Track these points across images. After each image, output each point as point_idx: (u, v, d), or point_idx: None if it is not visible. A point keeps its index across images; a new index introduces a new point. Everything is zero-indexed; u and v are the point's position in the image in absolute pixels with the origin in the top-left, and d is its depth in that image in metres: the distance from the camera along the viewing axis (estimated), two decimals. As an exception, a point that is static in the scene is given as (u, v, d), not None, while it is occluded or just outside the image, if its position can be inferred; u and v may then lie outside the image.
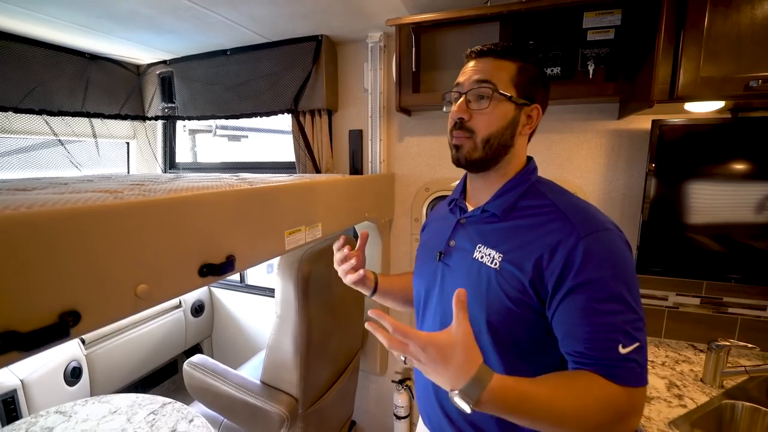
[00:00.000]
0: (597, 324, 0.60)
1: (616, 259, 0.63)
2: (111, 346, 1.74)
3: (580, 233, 0.63)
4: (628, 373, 0.59)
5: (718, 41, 1.03)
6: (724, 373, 1.15)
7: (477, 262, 0.72)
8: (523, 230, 0.69)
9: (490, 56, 0.73)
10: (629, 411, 0.60)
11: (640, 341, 0.60)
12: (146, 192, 0.72)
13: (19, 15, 1.41)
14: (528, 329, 0.68)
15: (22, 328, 0.47)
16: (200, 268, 0.71)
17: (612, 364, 0.59)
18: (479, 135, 0.72)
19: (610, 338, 0.60)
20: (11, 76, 1.58)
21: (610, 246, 0.63)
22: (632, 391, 0.59)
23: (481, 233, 0.75)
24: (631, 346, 0.59)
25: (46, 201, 0.56)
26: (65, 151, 1.82)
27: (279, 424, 1.21)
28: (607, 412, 0.58)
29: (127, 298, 0.59)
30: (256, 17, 1.47)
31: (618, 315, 0.60)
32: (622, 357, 0.59)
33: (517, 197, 0.74)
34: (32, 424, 1.12)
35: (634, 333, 0.60)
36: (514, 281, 0.67)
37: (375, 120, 1.69)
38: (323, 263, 1.31)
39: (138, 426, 1.10)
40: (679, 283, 1.41)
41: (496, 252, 0.70)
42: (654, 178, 1.28)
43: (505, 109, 0.71)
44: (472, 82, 0.72)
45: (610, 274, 0.61)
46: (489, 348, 0.70)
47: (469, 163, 0.74)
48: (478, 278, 0.71)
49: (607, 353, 0.60)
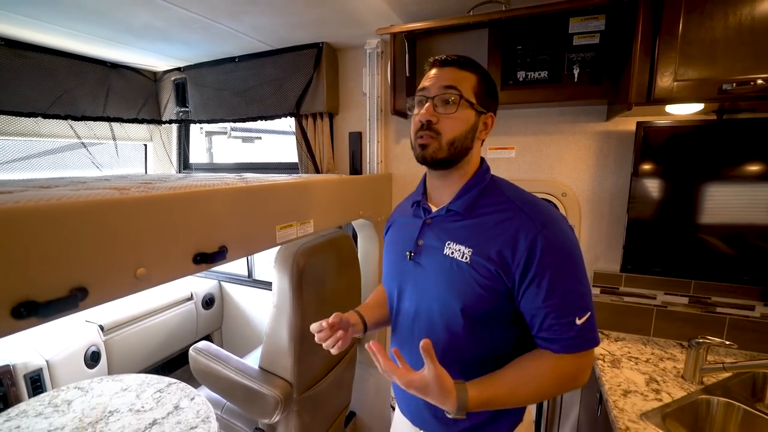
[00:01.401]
0: (556, 306, 0.71)
1: (569, 246, 0.74)
2: (127, 333, 1.87)
3: (537, 226, 0.73)
4: (582, 341, 0.72)
5: (693, 46, 1.07)
6: (704, 369, 1.18)
7: (449, 257, 0.78)
8: (487, 226, 0.77)
9: (454, 66, 0.79)
10: (578, 373, 0.74)
11: (590, 309, 0.73)
12: (150, 189, 0.82)
13: (48, 30, 1.56)
14: (496, 311, 0.77)
15: (39, 298, 0.57)
16: (194, 256, 0.81)
17: (569, 339, 0.71)
18: (445, 137, 0.77)
19: (569, 315, 0.71)
20: (41, 84, 1.74)
21: (563, 236, 0.74)
22: (582, 355, 0.73)
23: (448, 231, 0.81)
24: (584, 317, 0.72)
25: (62, 196, 0.66)
26: (88, 153, 1.97)
27: (274, 407, 1.30)
28: (560, 381, 0.74)
29: (127, 279, 0.68)
30: (259, 27, 1.57)
31: (573, 294, 0.72)
32: (578, 327, 0.71)
33: (476, 196, 0.81)
34: (54, 396, 1.25)
35: (585, 304, 0.73)
36: (484, 272, 0.74)
37: (373, 123, 1.77)
38: (318, 258, 1.40)
39: (145, 401, 1.22)
40: (666, 282, 1.43)
41: (465, 247, 0.77)
42: (639, 179, 1.31)
43: (467, 114, 0.78)
44: (440, 88, 0.78)
45: (565, 261, 0.72)
46: (462, 330, 0.78)
47: (435, 162, 0.80)
48: (450, 272, 0.78)
49: (566, 330, 0.71)
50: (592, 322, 0.73)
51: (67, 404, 1.22)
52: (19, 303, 0.55)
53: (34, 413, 1.18)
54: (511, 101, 1.41)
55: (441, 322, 0.80)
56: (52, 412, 1.19)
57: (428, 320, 0.82)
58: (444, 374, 0.70)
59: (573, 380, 0.75)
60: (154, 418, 1.15)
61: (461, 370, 0.79)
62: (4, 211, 0.54)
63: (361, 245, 1.81)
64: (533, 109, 1.55)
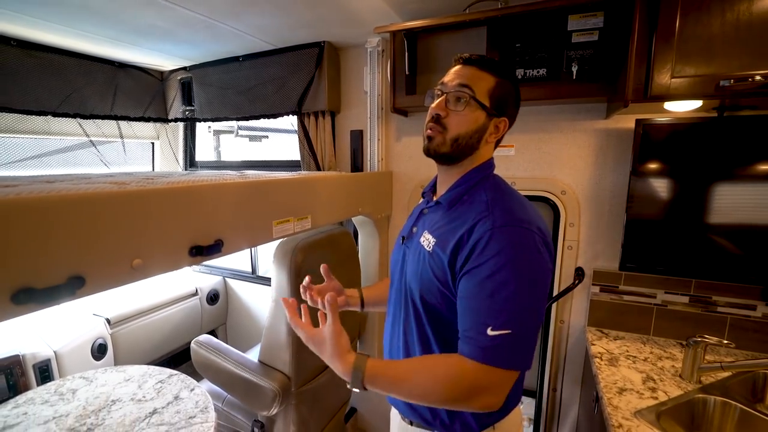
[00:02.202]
0: (475, 307, 0.69)
1: (517, 251, 0.68)
2: (133, 327, 1.91)
3: (493, 224, 0.70)
4: (492, 354, 0.66)
5: (690, 42, 1.06)
6: (702, 368, 1.17)
7: (420, 245, 0.83)
8: (455, 219, 0.79)
9: (475, 66, 0.80)
10: (483, 388, 0.67)
11: (512, 330, 0.65)
12: (150, 184, 0.85)
13: (58, 31, 1.60)
14: (449, 303, 0.77)
15: (37, 285, 0.59)
16: (190, 249, 0.83)
17: (478, 344, 0.67)
18: (450, 133, 0.79)
19: (481, 321, 0.67)
20: (51, 84, 1.79)
21: (515, 238, 0.69)
22: (492, 370, 0.66)
23: (430, 221, 0.85)
24: (499, 331, 0.65)
25: (62, 189, 0.69)
26: (96, 151, 2.02)
27: (272, 399, 1.32)
28: (458, 387, 0.67)
29: (124, 270, 0.71)
30: (261, 27, 1.60)
31: (495, 302, 0.67)
32: (489, 338, 0.66)
33: (464, 191, 0.82)
34: (60, 385, 1.30)
35: (508, 321, 0.66)
36: (439, 262, 0.77)
37: (373, 121, 1.78)
38: (317, 253, 1.42)
39: (147, 391, 1.25)
40: (666, 281, 1.42)
41: (432, 237, 0.80)
42: (638, 176, 1.30)
43: (476, 115, 0.79)
44: (455, 85, 0.79)
45: (503, 262, 0.67)
46: (422, 317, 0.81)
47: (437, 155, 0.82)
48: (418, 259, 0.82)
49: (477, 334, 0.67)
50: (510, 342, 0.66)
51: (72, 393, 1.26)
52: (19, 289, 0.57)
53: (41, 401, 1.22)
54: (509, 99, 1.41)
55: (408, 306, 0.84)
56: (58, 400, 1.23)
57: (400, 302, 0.87)
58: (341, 332, 0.73)
59: (468, 394, 0.67)
60: (155, 407, 1.19)
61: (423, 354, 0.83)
62: (6, 202, 0.56)
63: (362, 242, 1.83)
64: (532, 107, 1.55)
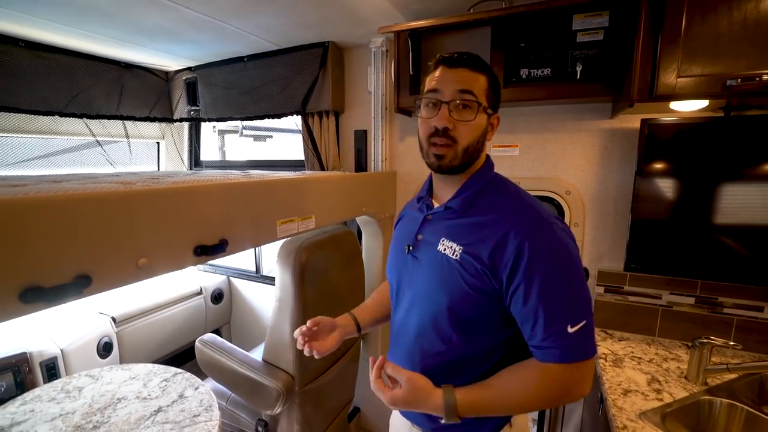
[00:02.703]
0: (545, 312, 0.68)
1: (562, 250, 0.71)
2: (138, 326, 1.93)
3: (528, 228, 0.71)
4: (575, 351, 0.68)
5: (696, 41, 1.05)
6: (708, 370, 1.16)
7: (440, 253, 0.79)
8: (480, 225, 0.76)
9: (466, 68, 0.76)
10: (575, 383, 0.70)
11: (587, 320, 0.69)
12: (155, 184, 0.85)
13: (65, 31, 1.62)
14: (482, 310, 0.76)
15: (44, 284, 0.60)
16: (195, 248, 0.84)
17: (559, 348, 0.68)
18: (461, 144, 0.76)
19: (561, 322, 0.68)
20: (58, 84, 1.81)
21: (555, 240, 0.71)
22: (576, 366, 0.69)
23: (444, 228, 0.81)
24: (578, 325, 0.68)
25: (69, 188, 0.70)
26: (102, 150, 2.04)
27: (276, 398, 1.33)
28: (549, 393, 0.71)
29: (130, 269, 0.72)
30: (266, 27, 1.60)
31: (565, 300, 0.69)
32: (570, 335, 0.67)
33: (475, 194, 0.81)
34: (67, 383, 1.31)
35: (580, 312, 0.69)
36: (472, 270, 0.74)
37: (377, 120, 1.78)
38: (320, 253, 1.42)
39: (152, 390, 1.27)
40: (672, 281, 1.41)
41: (456, 244, 0.77)
42: (644, 177, 1.29)
43: (481, 119, 0.77)
44: (456, 92, 0.75)
45: (556, 265, 0.69)
46: (449, 327, 0.78)
47: (450, 170, 0.79)
48: (440, 268, 0.78)
49: (559, 337, 0.68)
50: (588, 332, 0.69)
51: (78, 391, 1.28)
52: (26, 288, 0.58)
53: (48, 398, 1.24)
54: (514, 99, 1.41)
55: (430, 319, 0.80)
56: (64, 398, 1.24)
57: (419, 315, 0.83)
58: (415, 375, 0.72)
59: (565, 393, 0.71)
60: (159, 405, 1.20)
61: (449, 370, 0.80)
62: (14, 202, 0.57)
63: (365, 242, 1.83)
64: (537, 107, 1.54)
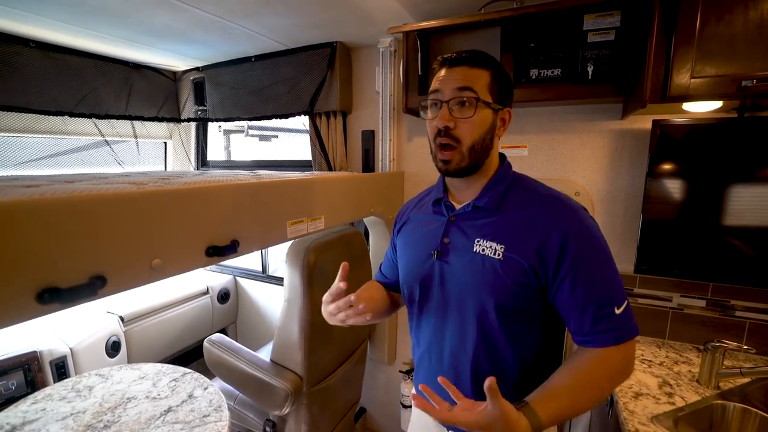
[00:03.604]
0: (595, 298, 0.71)
1: (598, 237, 0.75)
2: (146, 325, 1.94)
3: (567, 220, 0.73)
4: (625, 330, 0.71)
5: (711, 42, 1.04)
6: (720, 374, 1.15)
7: (479, 255, 0.77)
8: (517, 222, 0.76)
9: (465, 65, 0.76)
10: (628, 363, 0.73)
11: (626, 297, 0.73)
12: (167, 184, 0.85)
13: (75, 32, 1.63)
14: (530, 305, 0.77)
15: (62, 285, 0.60)
16: (207, 249, 0.84)
17: (612, 330, 0.70)
18: (465, 143, 0.75)
19: (608, 304, 0.71)
20: (68, 84, 1.81)
21: (591, 228, 0.75)
22: (628, 344, 0.72)
23: (476, 228, 0.79)
24: (623, 305, 0.71)
25: (84, 189, 0.70)
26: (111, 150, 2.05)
27: (284, 399, 1.33)
28: (613, 376, 0.72)
29: (143, 270, 0.72)
30: (274, 27, 1.60)
31: (610, 284, 0.72)
32: (619, 317, 0.70)
33: (503, 192, 0.80)
34: (77, 382, 1.32)
35: (621, 294, 0.72)
36: (518, 268, 0.74)
37: (385, 121, 1.78)
38: (329, 254, 1.42)
39: (161, 389, 1.27)
40: (683, 284, 1.40)
41: (497, 244, 0.75)
42: (655, 178, 1.28)
43: (485, 115, 0.75)
44: (454, 90, 0.74)
45: (597, 252, 0.73)
46: (496, 327, 0.78)
47: (458, 173, 0.78)
48: (483, 269, 0.76)
49: (609, 320, 0.70)
50: (630, 311, 0.73)
51: (89, 390, 1.28)
52: (43, 289, 0.58)
53: (59, 397, 1.24)
54: (524, 99, 1.40)
55: (474, 320, 0.79)
56: (75, 397, 1.25)
57: (460, 319, 0.81)
58: (509, 409, 0.62)
59: (622, 372, 0.73)
60: (169, 405, 1.20)
61: (493, 367, 0.80)
62: (31, 203, 0.57)
63: (373, 242, 1.83)
64: (546, 108, 1.53)
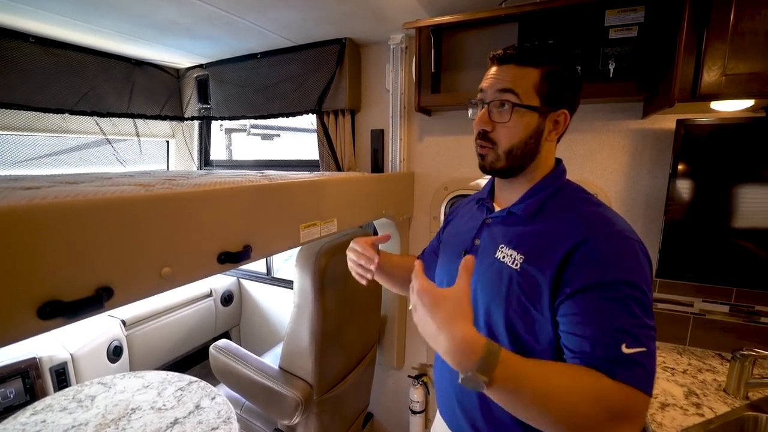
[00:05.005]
0: (603, 323, 0.59)
1: (631, 264, 0.62)
2: (149, 329, 1.89)
3: (598, 237, 0.64)
4: (629, 373, 0.56)
5: (746, 37, 1.00)
6: (749, 384, 1.10)
7: (498, 261, 0.73)
8: (545, 234, 0.70)
9: (512, 63, 0.71)
10: (622, 412, 0.54)
11: (648, 348, 0.58)
12: (175, 186, 0.80)
13: (76, 27, 1.57)
14: (532, 322, 0.69)
15: (64, 298, 0.55)
16: (219, 256, 0.79)
17: (613, 361, 0.57)
18: (501, 147, 0.72)
19: (615, 336, 0.58)
20: (68, 81, 1.76)
21: (625, 250, 0.63)
22: (630, 391, 0.55)
23: (504, 234, 0.75)
24: (635, 348, 0.57)
25: (88, 192, 0.65)
26: (112, 149, 2.00)
27: (294, 408, 1.28)
28: (596, 406, 0.54)
29: (153, 279, 0.67)
30: (283, 23, 1.55)
31: (626, 317, 0.59)
32: (624, 356, 0.57)
33: (543, 201, 0.74)
34: (78, 392, 1.27)
35: (641, 338, 0.58)
36: (532, 282, 0.67)
37: (396, 120, 1.73)
38: (340, 257, 1.37)
39: (167, 399, 1.22)
40: (705, 288, 1.35)
41: (517, 253, 0.70)
42: (678, 179, 1.24)
43: (527, 119, 0.70)
44: (495, 92, 0.71)
45: (623, 278, 0.61)
46: (506, 344, 0.71)
47: (494, 171, 0.76)
48: (499, 277, 0.72)
49: (609, 351, 0.58)
50: (647, 363, 0.57)
51: (91, 400, 1.23)
52: (44, 302, 0.53)
53: (59, 408, 1.19)
54: (541, 98, 1.35)
55: (484, 326, 0.75)
56: (76, 408, 1.20)
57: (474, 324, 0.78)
58: (469, 297, 0.56)
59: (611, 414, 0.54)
60: (176, 417, 1.15)
61: None
62: (31, 208, 0.52)
63: (383, 245, 1.78)
64: (564, 107, 1.48)
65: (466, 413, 0.80)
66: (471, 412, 0.79)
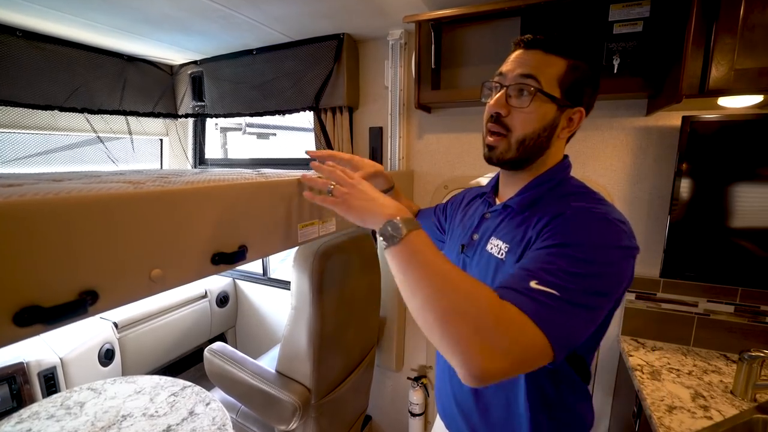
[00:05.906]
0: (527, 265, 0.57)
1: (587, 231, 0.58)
2: (141, 331, 1.84)
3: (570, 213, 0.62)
4: (526, 300, 0.52)
5: (756, 31, 0.97)
6: (757, 386, 1.08)
7: (487, 253, 0.73)
8: (524, 221, 0.69)
9: (540, 49, 0.68)
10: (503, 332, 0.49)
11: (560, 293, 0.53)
12: (166, 183, 0.76)
13: (65, 20, 1.52)
14: None
15: (44, 303, 0.51)
16: (213, 256, 0.75)
17: (516, 290, 0.53)
18: (515, 134, 0.69)
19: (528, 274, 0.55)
20: (58, 77, 1.71)
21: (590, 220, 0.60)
22: (519, 315, 0.51)
23: (496, 227, 0.75)
24: (544, 287, 0.53)
25: (72, 189, 0.61)
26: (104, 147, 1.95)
27: (292, 413, 1.24)
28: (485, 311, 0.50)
29: (141, 281, 0.63)
30: (279, 17, 1.51)
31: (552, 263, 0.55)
32: (528, 288, 0.53)
33: (541, 194, 0.72)
34: (67, 398, 1.22)
35: (558, 282, 0.53)
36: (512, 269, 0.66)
37: (395, 117, 1.69)
38: (338, 258, 1.34)
39: (159, 406, 1.17)
40: (709, 288, 1.33)
41: (503, 243, 0.70)
42: (684, 178, 1.21)
43: (545, 109, 0.67)
44: (516, 76, 0.68)
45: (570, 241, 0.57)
46: None
47: (502, 163, 0.73)
48: (486, 269, 0.72)
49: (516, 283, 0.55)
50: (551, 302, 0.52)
51: (80, 406, 1.18)
52: (22, 308, 0.49)
53: (46, 415, 1.14)
54: (544, 94, 1.32)
55: None
56: (64, 415, 1.15)
57: None
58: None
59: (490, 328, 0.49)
60: (168, 423, 1.11)
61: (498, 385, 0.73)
62: (7, 205, 0.48)
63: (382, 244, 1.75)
64: (567, 103, 1.46)
65: (463, 414, 0.81)
66: (468, 413, 0.80)
